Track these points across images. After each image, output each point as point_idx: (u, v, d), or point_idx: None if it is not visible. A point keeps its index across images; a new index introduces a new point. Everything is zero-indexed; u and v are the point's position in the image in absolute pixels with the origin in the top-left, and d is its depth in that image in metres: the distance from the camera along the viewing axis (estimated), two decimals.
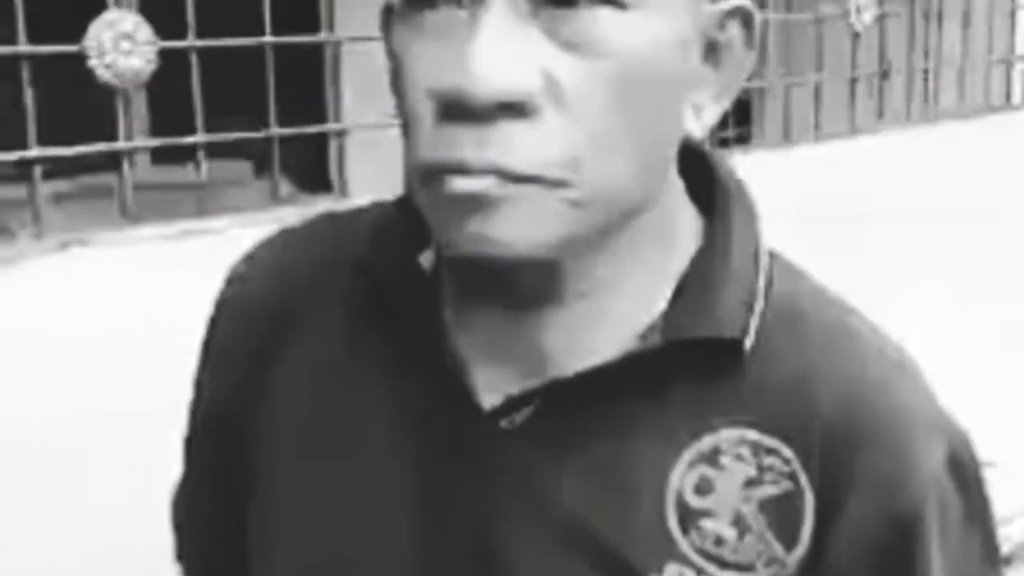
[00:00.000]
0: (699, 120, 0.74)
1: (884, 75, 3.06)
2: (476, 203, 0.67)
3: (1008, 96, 3.48)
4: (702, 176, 0.80)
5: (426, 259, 0.80)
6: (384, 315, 0.80)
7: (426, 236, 0.78)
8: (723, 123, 2.66)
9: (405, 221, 0.79)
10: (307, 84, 2.43)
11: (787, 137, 2.85)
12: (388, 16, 0.74)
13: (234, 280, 0.90)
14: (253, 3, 1.97)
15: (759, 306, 0.75)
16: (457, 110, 0.66)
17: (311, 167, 3.62)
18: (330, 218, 0.91)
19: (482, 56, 0.65)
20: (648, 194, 0.73)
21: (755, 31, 0.75)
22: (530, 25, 0.66)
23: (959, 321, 2.92)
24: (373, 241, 0.81)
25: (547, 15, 0.66)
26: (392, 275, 0.79)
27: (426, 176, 0.69)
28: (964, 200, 3.07)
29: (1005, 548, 3.36)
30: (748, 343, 0.74)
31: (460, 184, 0.67)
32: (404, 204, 0.80)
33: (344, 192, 3.31)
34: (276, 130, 1.98)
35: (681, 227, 0.78)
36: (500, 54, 0.65)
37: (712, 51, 0.74)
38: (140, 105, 2.31)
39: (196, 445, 0.92)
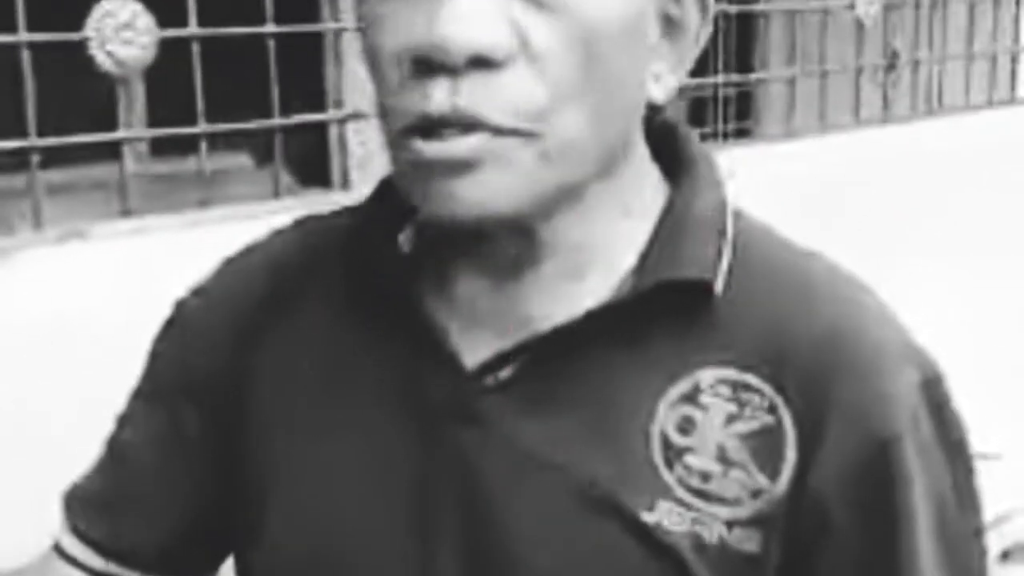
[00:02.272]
0: (659, 87, 0.78)
1: (890, 67, 3.04)
2: (448, 166, 0.71)
3: (1013, 88, 3.46)
4: (666, 144, 0.84)
5: (405, 238, 0.84)
6: (367, 295, 0.83)
7: (404, 217, 0.83)
8: (723, 117, 2.64)
9: (384, 204, 0.84)
10: (306, 73, 2.42)
11: (790, 129, 2.83)
12: None
13: (219, 271, 0.93)
14: None
15: (727, 253, 0.79)
16: (430, 65, 0.69)
17: (310, 159, 3.61)
18: (316, 216, 0.95)
19: (452, 12, 0.68)
20: (611, 152, 0.77)
21: (710, 7, 0.79)
22: None
23: (965, 313, 2.90)
24: (353, 225, 0.86)
25: None
26: (373, 255, 0.83)
27: (401, 137, 0.72)
28: (969, 192, 3.06)
29: (1007, 543, 3.36)
30: (719, 285, 0.78)
31: (432, 147, 0.70)
32: (382, 188, 0.85)
33: (345, 185, 3.29)
34: (279, 120, 1.97)
35: (647, 191, 0.82)
36: (472, 11, 0.68)
37: (669, 25, 0.78)
38: (139, 95, 2.29)
39: (158, 412, 0.92)
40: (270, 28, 1.96)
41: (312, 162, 3.67)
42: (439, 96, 0.70)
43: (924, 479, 0.77)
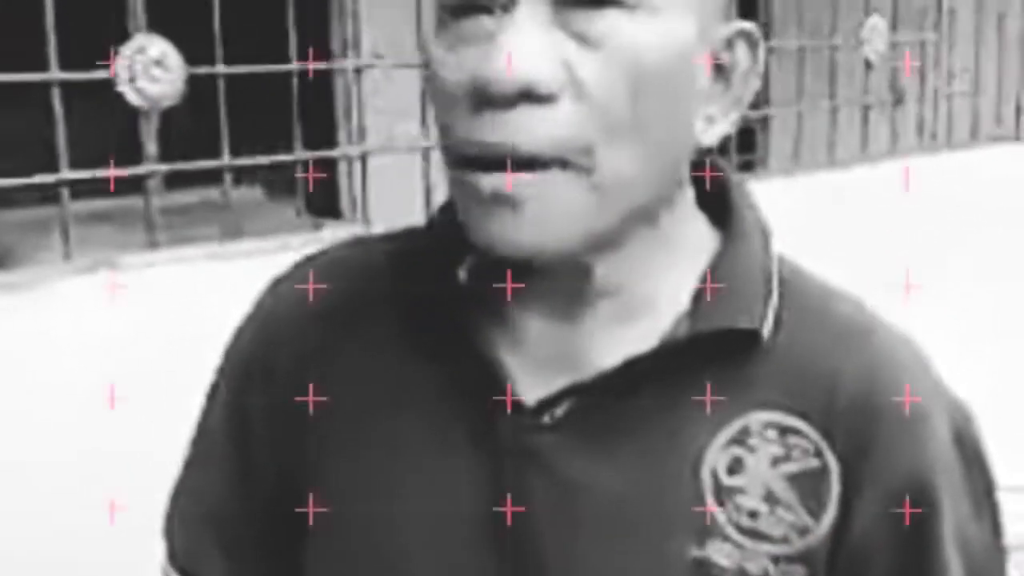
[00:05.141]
0: (710, 130, 0.81)
1: (896, 103, 3.08)
2: (503, 201, 0.74)
3: (1018, 125, 3.50)
4: (715, 189, 0.87)
5: (464, 270, 0.86)
6: (425, 322, 0.86)
7: (462, 249, 0.84)
8: (727, 150, 2.68)
9: (442, 233, 0.86)
10: (315, 109, 2.45)
11: (797, 163, 2.87)
12: (427, 42, 0.82)
13: (273, 289, 0.95)
14: (271, 30, 2.00)
15: (774, 300, 0.83)
16: (485, 99, 0.73)
17: (320, 193, 3.64)
18: (365, 240, 0.97)
19: (507, 50, 0.72)
20: (659, 191, 0.80)
21: (759, 53, 0.82)
22: (552, 25, 0.74)
23: (978, 343, 2.93)
24: (412, 251, 0.88)
25: (567, 17, 0.74)
26: (432, 284, 0.85)
27: (456, 169, 0.76)
28: (976, 227, 3.09)
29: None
30: (766, 332, 0.81)
31: (482, 180, 0.74)
32: (439, 224, 0.88)
33: (357, 218, 3.32)
34: (303, 153, 2.01)
35: (694, 233, 0.85)
36: (524, 48, 0.73)
37: (720, 70, 0.81)
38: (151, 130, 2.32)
39: (219, 443, 0.94)
40: (295, 66, 2.00)
41: (321, 196, 3.71)
42: (492, 127, 0.74)
43: (953, 510, 0.81)
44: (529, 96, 0.73)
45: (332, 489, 0.87)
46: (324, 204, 3.88)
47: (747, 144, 4.36)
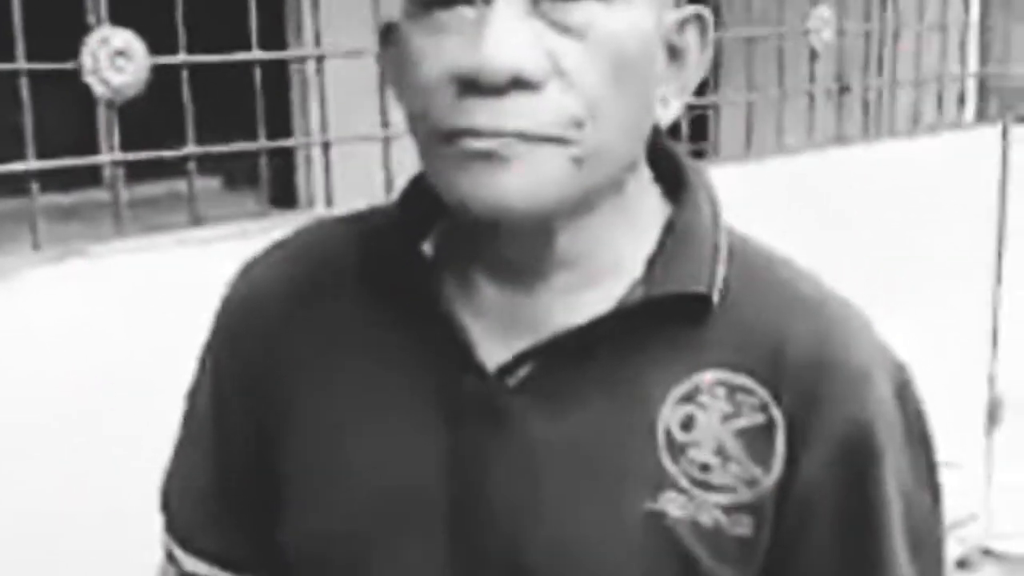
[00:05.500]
0: (665, 111, 0.87)
1: (842, 91, 3.14)
2: (489, 160, 0.79)
3: (960, 113, 3.58)
4: (666, 165, 0.93)
5: (429, 244, 0.91)
6: (391, 294, 0.90)
7: (427, 226, 0.91)
8: (678, 137, 2.73)
9: (406, 214, 0.91)
10: (272, 99, 2.47)
11: (748, 152, 2.93)
12: (388, 31, 0.87)
13: (245, 272, 0.99)
14: (230, 19, 2.02)
15: (722, 266, 0.88)
16: (475, 87, 0.78)
17: (277, 182, 3.66)
18: (332, 220, 1.02)
19: (495, 41, 0.77)
20: (627, 165, 0.86)
21: (710, 36, 0.88)
22: (532, 16, 0.79)
23: (909, 328, 3.00)
24: (375, 233, 0.93)
25: (545, 8, 0.79)
26: (398, 258, 0.90)
27: (444, 140, 0.80)
28: (919, 214, 3.16)
29: (960, 551, 3.46)
30: (716, 296, 0.87)
31: (476, 143, 0.79)
32: (404, 199, 0.93)
33: (312, 206, 3.34)
34: (265, 143, 2.04)
35: (648, 207, 0.90)
36: (511, 39, 0.77)
37: (674, 53, 0.87)
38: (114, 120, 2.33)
39: (208, 422, 0.99)
40: (258, 55, 2.02)
41: (277, 185, 3.72)
42: (486, 113, 0.78)
43: (893, 460, 0.87)
44: (517, 84, 0.78)
45: (300, 457, 0.92)
46: (282, 194, 3.90)
47: (699, 132, 4.42)
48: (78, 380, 1.71)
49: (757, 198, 2.69)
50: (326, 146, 2.12)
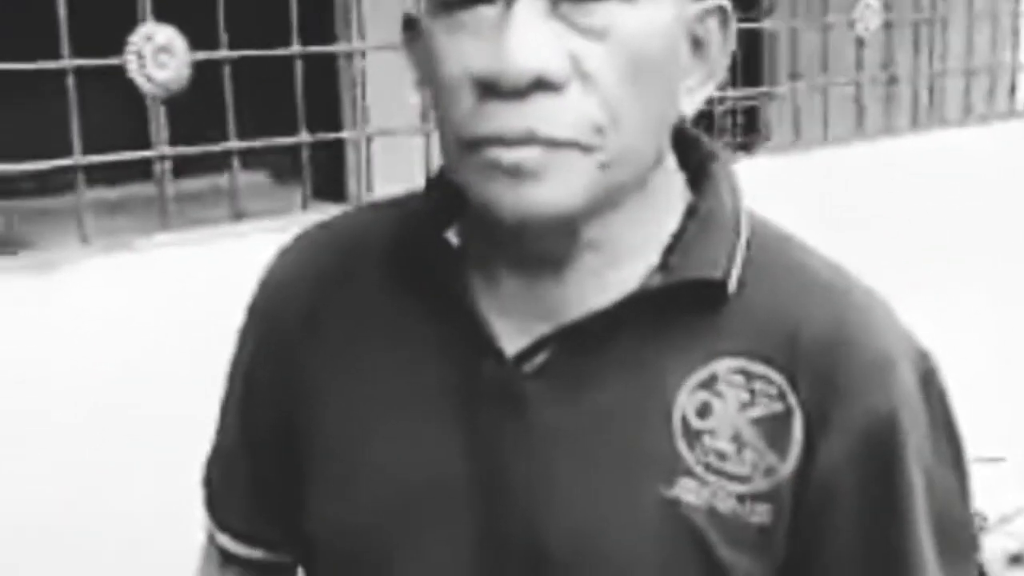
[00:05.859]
0: (690, 100, 0.87)
1: (890, 81, 3.12)
2: (516, 171, 0.79)
3: (1012, 103, 3.54)
4: (691, 154, 0.93)
5: (453, 234, 0.92)
6: (416, 283, 0.91)
7: (453, 213, 0.91)
8: (732, 131, 2.72)
9: (434, 202, 0.92)
10: (321, 93, 2.49)
11: (796, 142, 2.91)
12: (411, 25, 0.88)
13: (282, 255, 1.01)
14: (275, 15, 2.05)
15: (741, 253, 0.88)
16: (497, 90, 0.78)
17: (327, 177, 3.69)
18: (370, 206, 1.04)
19: (517, 43, 0.77)
20: (653, 161, 0.86)
21: (731, 26, 0.88)
22: (552, 17, 0.78)
23: (964, 319, 2.98)
24: (406, 219, 0.94)
25: (566, 9, 0.78)
26: (425, 246, 0.91)
27: (468, 148, 0.81)
28: (970, 204, 3.13)
29: (1015, 546, 3.42)
30: (733, 284, 0.86)
31: (503, 154, 0.79)
32: (432, 187, 0.93)
33: (360, 200, 3.36)
34: (306, 136, 2.06)
35: (672, 195, 0.90)
36: (533, 41, 0.77)
37: (697, 45, 0.87)
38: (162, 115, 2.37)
39: (241, 403, 1.02)
40: (297, 49, 2.05)
41: (327, 179, 3.75)
42: (509, 117, 0.78)
43: (917, 447, 0.86)
44: (540, 86, 0.77)
45: (323, 444, 0.93)
46: (331, 188, 3.92)
47: (750, 126, 4.40)
48: (123, 369, 1.74)
49: (806, 188, 2.68)
50: (368, 140, 2.14)
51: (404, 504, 0.89)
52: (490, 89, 0.78)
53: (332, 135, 2.14)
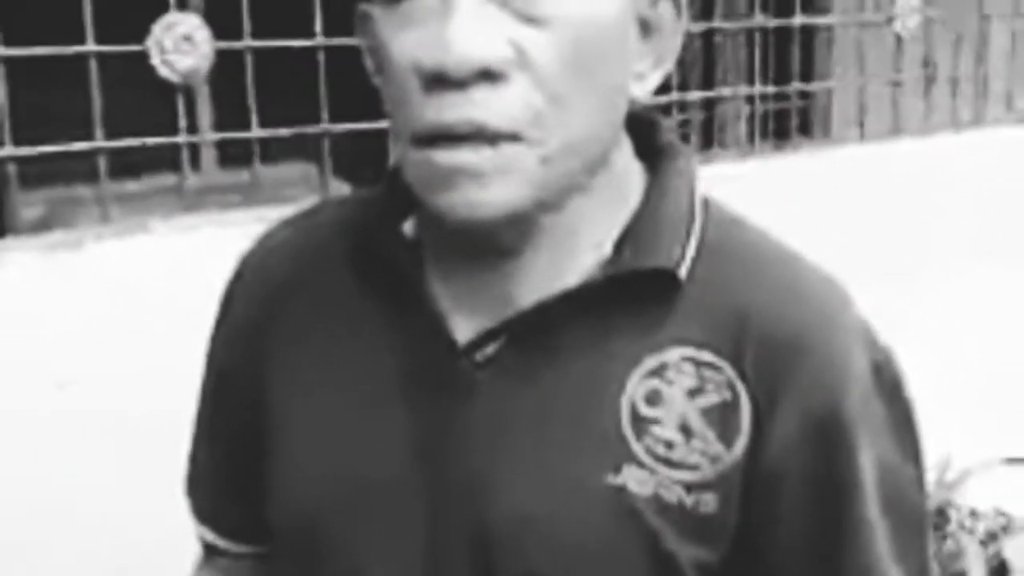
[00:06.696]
0: (641, 85, 0.86)
1: (930, 80, 3.09)
2: (461, 173, 0.79)
3: None
4: (649, 141, 0.92)
5: (408, 226, 0.93)
6: (374, 274, 0.92)
7: (409, 206, 0.91)
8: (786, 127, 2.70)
9: (392, 194, 0.92)
10: (356, 82, 2.49)
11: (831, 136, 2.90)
12: (365, 18, 0.87)
13: (265, 238, 1.03)
14: (305, 4, 2.08)
15: (693, 242, 0.87)
16: (439, 81, 0.78)
17: (369, 166, 3.70)
18: (337, 199, 1.05)
19: (458, 33, 0.77)
20: (602, 149, 0.85)
21: (683, 8, 0.87)
22: (494, 6, 0.78)
23: (991, 316, 2.94)
24: (362, 213, 0.94)
25: None
26: (379, 240, 0.91)
27: (416, 143, 0.81)
28: (1009, 205, 3.10)
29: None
30: (683, 273, 0.86)
31: (447, 156, 0.79)
32: (389, 180, 0.94)
33: None
34: (327, 125, 2.09)
35: (631, 181, 0.90)
36: (473, 30, 0.77)
37: (647, 28, 0.86)
38: (203, 105, 2.41)
39: (212, 409, 1.04)
40: (321, 40, 2.08)
41: (372, 168, 3.76)
42: (451, 107, 0.78)
43: (869, 433, 0.86)
44: (482, 76, 0.77)
45: (282, 424, 0.94)
46: (373, 178, 3.93)
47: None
48: (141, 343, 1.78)
49: (837, 186, 2.67)
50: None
51: (354, 490, 0.89)
52: (435, 80, 0.78)
53: (352, 125, 2.16)
